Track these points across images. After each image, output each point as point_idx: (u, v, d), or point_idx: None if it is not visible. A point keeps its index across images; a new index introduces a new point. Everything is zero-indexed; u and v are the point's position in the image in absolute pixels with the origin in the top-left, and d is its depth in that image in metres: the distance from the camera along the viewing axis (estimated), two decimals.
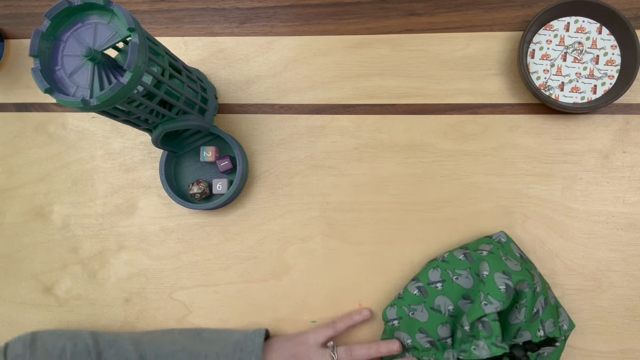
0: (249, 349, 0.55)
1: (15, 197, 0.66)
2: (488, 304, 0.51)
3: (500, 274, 0.52)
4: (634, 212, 0.59)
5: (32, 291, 0.65)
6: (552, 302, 0.55)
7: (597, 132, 0.60)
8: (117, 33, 0.44)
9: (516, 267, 0.53)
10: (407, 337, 0.56)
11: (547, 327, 0.53)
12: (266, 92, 0.64)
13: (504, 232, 0.58)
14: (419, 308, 0.56)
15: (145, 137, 0.65)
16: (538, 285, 0.53)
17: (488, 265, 0.53)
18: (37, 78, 0.42)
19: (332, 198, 0.62)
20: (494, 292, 0.52)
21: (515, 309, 0.53)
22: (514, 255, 0.56)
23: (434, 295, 0.55)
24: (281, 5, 0.65)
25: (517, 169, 0.60)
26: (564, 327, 0.54)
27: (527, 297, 0.52)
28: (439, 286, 0.55)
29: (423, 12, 0.63)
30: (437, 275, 0.56)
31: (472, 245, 0.57)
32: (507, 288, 0.51)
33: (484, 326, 0.51)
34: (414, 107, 0.62)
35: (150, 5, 0.66)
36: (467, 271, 0.55)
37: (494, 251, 0.55)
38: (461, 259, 0.56)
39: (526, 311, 0.52)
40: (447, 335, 0.55)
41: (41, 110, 0.67)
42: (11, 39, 0.68)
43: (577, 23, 0.59)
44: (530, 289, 0.52)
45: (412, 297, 0.56)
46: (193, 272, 0.63)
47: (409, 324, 0.56)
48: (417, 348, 0.55)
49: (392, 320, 0.56)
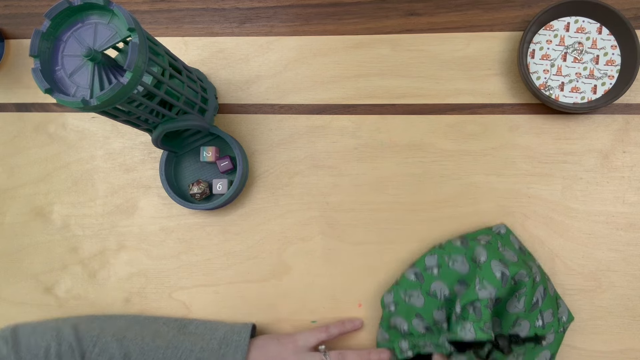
0: (234, 344, 0.55)
1: (15, 197, 0.66)
2: (482, 289, 0.51)
3: (497, 261, 0.53)
4: (634, 212, 0.59)
5: (32, 291, 0.65)
6: (552, 293, 0.55)
7: (597, 132, 0.60)
8: (117, 33, 0.44)
9: (513, 259, 0.53)
10: (403, 322, 0.56)
11: (546, 317, 0.53)
12: (266, 92, 0.64)
13: (504, 225, 0.58)
14: (415, 293, 0.56)
15: (146, 137, 0.65)
16: (537, 275, 0.53)
17: (485, 251, 0.53)
18: (37, 78, 0.42)
19: (332, 198, 0.62)
20: (489, 278, 0.52)
21: (515, 297, 0.53)
22: (512, 247, 0.56)
23: (430, 281, 0.55)
24: (281, 5, 0.65)
25: (517, 169, 0.60)
26: (563, 318, 0.54)
27: (527, 286, 0.52)
28: (435, 271, 0.56)
29: (423, 12, 0.63)
30: (433, 261, 0.56)
31: (470, 235, 0.58)
32: (502, 276, 0.52)
33: (474, 310, 0.51)
34: (414, 107, 0.62)
35: (150, 5, 0.66)
36: (463, 257, 0.55)
37: (492, 242, 0.55)
38: (458, 245, 0.56)
39: (525, 300, 0.52)
40: (443, 319, 0.55)
41: (41, 110, 0.67)
42: (11, 39, 0.68)
43: (577, 23, 0.59)
44: (530, 279, 0.52)
45: (408, 282, 0.56)
46: (193, 272, 0.63)
47: (405, 309, 0.56)
48: (413, 334, 0.55)
49: (389, 305, 0.57)
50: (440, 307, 0.55)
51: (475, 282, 0.52)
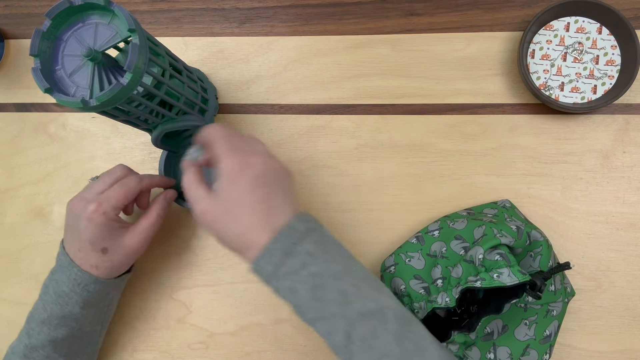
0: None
1: (15, 197, 0.66)
2: (503, 237, 0.50)
3: (510, 219, 0.53)
4: (634, 212, 0.59)
5: (32, 291, 0.65)
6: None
7: (597, 132, 0.60)
8: (117, 33, 0.44)
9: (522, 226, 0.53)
10: (401, 282, 0.55)
11: (556, 282, 0.53)
12: (266, 92, 0.64)
13: (508, 200, 0.58)
14: (415, 255, 0.55)
15: (146, 137, 0.65)
16: (548, 241, 0.53)
17: (496, 210, 0.54)
18: (37, 78, 0.42)
19: (332, 198, 0.62)
20: (506, 229, 0.51)
21: (530, 257, 0.52)
22: (519, 218, 0.56)
23: (431, 242, 0.55)
24: (281, 5, 0.65)
25: (517, 169, 0.60)
26: (568, 289, 0.54)
27: (543, 246, 0.52)
28: (436, 234, 0.55)
29: (423, 12, 0.63)
30: (435, 225, 0.56)
31: (476, 208, 0.58)
32: (518, 229, 0.51)
33: (502, 257, 0.49)
34: (414, 107, 0.62)
35: (150, 5, 0.66)
36: (465, 219, 0.55)
37: (499, 214, 0.55)
38: (463, 214, 0.56)
39: (541, 260, 0.51)
40: (438, 276, 0.54)
41: (41, 110, 0.67)
42: (11, 39, 0.68)
43: (577, 23, 0.59)
44: (544, 239, 0.52)
45: (410, 245, 0.56)
46: (193, 272, 0.63)
47: (404, 270, 0.55)
48: (410, 295, 0.54)
49: (389, 267, 0.56)
50: (436, 265, 0.54)
51: (494, 232, 0.51)
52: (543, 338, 0.52)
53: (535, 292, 0.48)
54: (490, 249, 0.50)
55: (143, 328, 0.63)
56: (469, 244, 0.53)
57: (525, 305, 0.53)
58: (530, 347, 0.52)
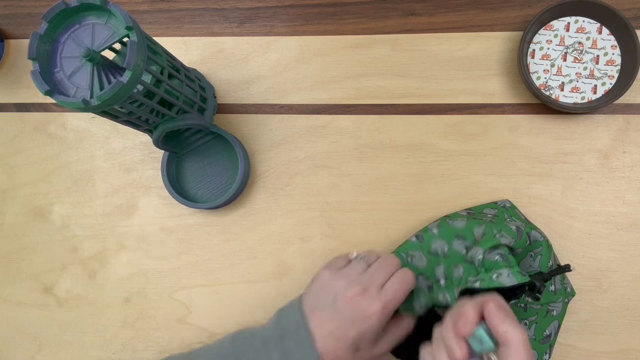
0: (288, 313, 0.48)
1: (15, 197, 0.66)
2: (502, 237, 0.50)
3: (510, 219, 0.52)
4: (634, 212, 0.59)
5: (32, 291, 0.65)
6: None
7: (597, 132, 0.60)
8: (115, 32, 0.44)
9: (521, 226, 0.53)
10: None
11: (556, 282, 0.53)
12: (266, 92, 0.64)
13: (508, 200, 0.58)
14: (417, 254, 0.55)
15: (146, 137, 0.65)
16: (548, 241, 0.53)
17: (496, 211, 0.53)
18: (36, 80, 0.42)
19: (332, 198, 0.62)
20: (506, 229, 0.51)
21: (530, 257, 0.52)
22: (519, 218, 0.56)
23: (430, 240, 0.55)
24: (281, 5, 0.64)
25: (517, 169, 0.60)
26: (568, 289, 0.54)
27: (543, 246, 0.51)
28: (435, 231, 0.55)
29: (423, 12, 0.63)
30: (435, 224, 0.56)
31: (476, 208, 0.58)
32: (518, 229, 0.51)
33: (502, 257, 0.48)
34: (414, 107, 0.62)
35: (150, 5, 0.66)
36: (464, 219, 0.54)
37: (499, 214, 0.55)
38: (462, 213, 0.56)
39: (541, 260, 0.51)
40: (441, 275, 0.53)
41: (41, 110, 0.67)
42: (11, 39, 0.68)
43: (577, 23, 0.59)
44: (544, 239, 0.51)
45: (410, 244, 0.56)
46: (193, 272, 0.63)
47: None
48: (413, 293, 0.53)
49: None
50: (439, 264, 0.53)
51: (494, 232, 0.51)
52: (543, 338, 0.52)
53: (534, 294, 0.48)
54: (490, 249, 0.50)
55: (143, 328, 0.63)
56: (470, 242, 0.53)
57: (525, 305, 0.52)
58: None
